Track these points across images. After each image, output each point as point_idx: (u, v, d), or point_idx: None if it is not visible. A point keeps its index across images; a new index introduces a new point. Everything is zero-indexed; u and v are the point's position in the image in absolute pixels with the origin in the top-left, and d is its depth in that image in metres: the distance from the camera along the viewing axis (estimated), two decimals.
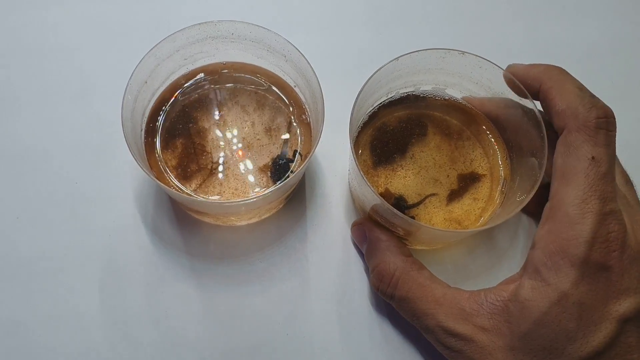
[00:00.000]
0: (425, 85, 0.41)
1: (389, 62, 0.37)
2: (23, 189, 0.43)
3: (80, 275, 0.40)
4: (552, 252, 0.31)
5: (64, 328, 0.39)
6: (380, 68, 0.36)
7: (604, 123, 0.32)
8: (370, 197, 0.36)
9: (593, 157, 0.31)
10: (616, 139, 0.33)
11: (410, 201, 0.39)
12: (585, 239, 0.30)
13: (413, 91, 0.42)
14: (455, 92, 0.41)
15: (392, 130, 0.41)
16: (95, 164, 0.44)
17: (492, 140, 0.41)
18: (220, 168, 0.40)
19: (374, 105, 0.41)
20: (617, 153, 0.35)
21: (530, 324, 0.31)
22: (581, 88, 0.33)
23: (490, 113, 0.40)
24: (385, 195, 0.39)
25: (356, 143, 0.41)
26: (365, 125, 0.41)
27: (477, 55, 0.37)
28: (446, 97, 0.42)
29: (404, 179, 0.40)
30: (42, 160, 0.44)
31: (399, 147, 0.41)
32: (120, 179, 0.43)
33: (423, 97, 0.42)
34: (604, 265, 0.30)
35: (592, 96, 0.33)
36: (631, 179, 0.36)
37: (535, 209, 0.36)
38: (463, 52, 0.37)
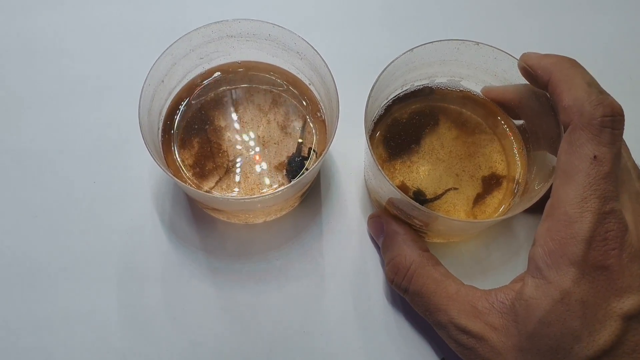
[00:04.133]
0: (440, 77, 0.41)
1: (404, 53, 0.37)
2: (41, 188, 0.43)
3: (98, 273, 0.41)
4: (552, 250, 0.31)
5: (82, 327, 0.40)
6: (395, 59, 0.36)
7: (610, 121, 0.31)
8: (387, 190, 0.36)
9: (595, 157, 0.30)
10: (633, 134, 0.32)
11: (429, 195, 0.39)
12: (583, 237, 0.30)
13: (428, 84, 0.42)
14: (471, 84, 0.41)
15: (408, 123, 0.41)
16: (114, 163, 0.44)
17: (509, 132, 0.41)
18: (237, 166, 0.40)
19: (389, 98, 0.41)
20: (632, 149, 0.35)
21: (535, 323, 0.31)
22: (590, 83, 0.32)
23: (512, 101, 0.39)
24: (402, 189, 0.39)
25: (371, 137, 0.41)
26: (381, 118, 0.41)
27: (491, 46, 0.37)
28: (461, 89, 0.42)
29: (421, 173, 0.40)
30: (60, 159, 0.44)
31: (414, 141, 0.41)
32: (138, 177, 0.43)
33: (438, 89, 0.42)
34: (603, 264, 0.30)
35: (601, 92, 0.32)
36: None
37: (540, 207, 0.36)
38: (477, 43, 0.37)
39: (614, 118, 0.31)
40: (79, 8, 0.50)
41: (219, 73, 0.42)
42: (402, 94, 0.41)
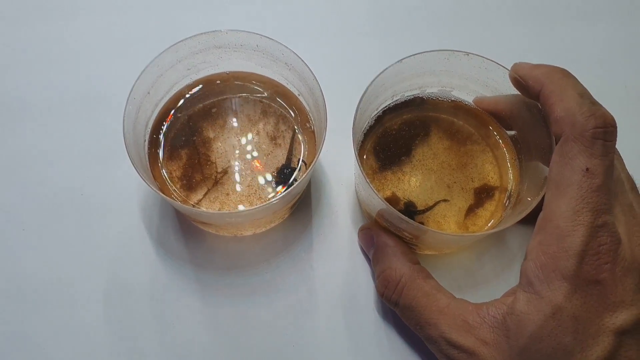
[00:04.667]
0: (431, 87, 0.41)
1: (393, 64, 0.36)
2: (29, 200, 0.43)
3: (86, 286, 0.40)
4: (543, 264, 0.30)
5: (69, 340, 0.39)
6: (383, 70, 0.36)
7: (602, 133, 0.30)
8: (377, 202, 0.35)
9: (587, 169, 0.30)
10: (627, 144, 0.32)
11: (420, 206, 0.39)
12: (576, 251, 0.29)
13: (419, 94, 0.41)
14: (462, 94, 0.41)
15: (398, 133, 0.41)
16: (101, 175, 0.44)
17: (501, 142, 0.40)
18: (225, 178, 0.39)
19: (379, 109, 0.41)
20: (627, 159, 0.34)
21: (526, 339, 0.30)
22: (582, 94, 0.32)
23: (504, 111, 0.39)
24: (393, 200, 0.39)
25: (362, 147, 0.40)
26: (371, 129, 0.41)
27: (481, 56, 0.36)
28: (453, 99, 0.41)
29: (412, 184, 0.39)
30: (48, 171, 0.44)
31: (405, 151, 0.40)
32: (126, 189, 0.43)
33: (429, 99, 0.41)
34: (596, 278, 0.29)
35: (593, 103, 0.32)
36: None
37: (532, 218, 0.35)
38: (467, 53, 0.37)
39: (605, 130, 0.30)
40: (66, 20, 0.50)
41: (207, 84, 0.42)
42: (392, 104, 0.41)
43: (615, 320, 0.29)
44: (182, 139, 0.40)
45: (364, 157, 0.40)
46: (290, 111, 0.41)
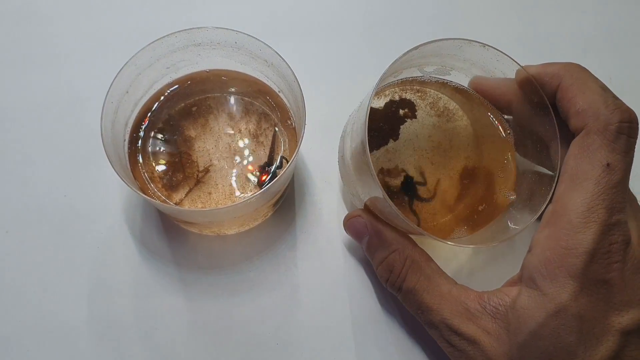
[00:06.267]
0: (428, 66, 0.39)
1: (409, 50, 0.34)
2: (12, 202, 0.43)
3: (69, 287, 0.40)
4: (549, 259, 0.30)
5: (51, 341, 0.39)
6: (400, 57, 0.34)
7: (627, 128, 0.30)
8: (374, 191, 0.34)
9: (608, 164, 0.29)
10: None
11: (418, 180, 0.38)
12: (586, 249, 0.29)
13: (420, 76, 0.40)
14: (460, 76, 0.40)
15: (387, 112, 0.40)
16: (84, 176, 0.43)
17: (500, 127, 0.39)
18: (207, 177, 0.39)
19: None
20: None
21: (526, 335, 0.30)
22: (604, 88, 0.32)
23: (503, 96, 0.37)
24: (394, 171, 0.38)
25: (345, 132, 0.39)
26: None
27: (498, 50, 0.35)
28: (448, 80, 0.40)
29: (403, 164, 0.38)
30: (30, 174, 0.44)
31: (393, 130, 0.39)
32: (108, 190, 0.43)
33: (425, 80, 0.40)
34: (605, 277, 0.29)
35: (616, 97, 0.31)
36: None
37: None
38: (484, 45, 0.35)
39: (631, 125, 0.30)
40: (44, 22, 0.49)
41: (187, 82, 0.41)
42: (388, 84, 0.40)
43: (622, 319, 0.29)
44: (162, 138, 0.40)
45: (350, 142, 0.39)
46: (272, 109, 0.41)
